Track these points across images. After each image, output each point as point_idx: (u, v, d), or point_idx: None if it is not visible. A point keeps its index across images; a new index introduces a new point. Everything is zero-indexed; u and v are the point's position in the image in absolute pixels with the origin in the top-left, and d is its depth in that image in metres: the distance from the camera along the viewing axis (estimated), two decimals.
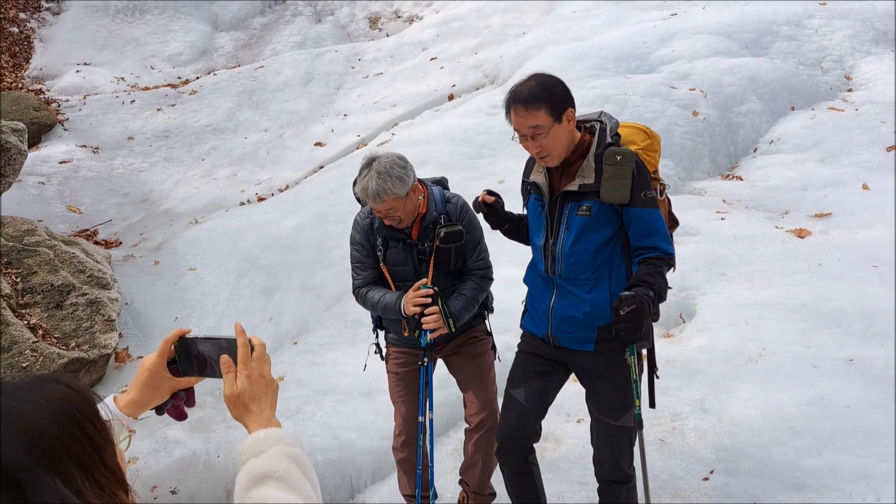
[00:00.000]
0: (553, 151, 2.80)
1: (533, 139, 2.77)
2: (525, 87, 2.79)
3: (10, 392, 1.07)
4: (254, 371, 1.43)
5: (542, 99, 2.74)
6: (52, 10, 13.25)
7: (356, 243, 3.41)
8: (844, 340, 4.54)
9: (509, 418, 3.16)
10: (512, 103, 2.79)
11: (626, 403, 3.00)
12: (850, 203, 6.20)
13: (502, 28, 11.14)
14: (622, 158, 2.76)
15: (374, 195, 3.06)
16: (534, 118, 2.73)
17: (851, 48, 8.61)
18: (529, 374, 3.15)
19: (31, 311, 5.20)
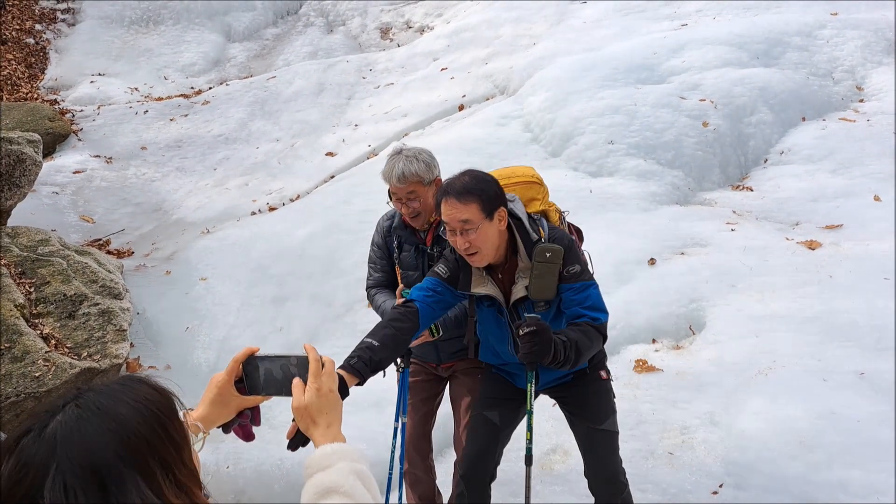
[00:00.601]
0: (482, 249, 2.73)
1: (462, 234, 2.69)
2: (459, 180, 2.74)
3: (101, 392, 1.10)
4: (323, 385, 1.45)
5: (474, 193, 2.67)
6: (67, 22, 13.39)
7: (374, 244, 3.50)
8: (855, 353, 4.52)
9: (481, 441, 3.14)
10: (444, 194, 2.73)
11: (608, 409, 3.10)
12: (861, 214, 6.17)
13: (513, 39, 11.17)
14: (551, 255, 2.78)
15: (399, 174, 3.14)
16: (465, 211, 2.66)
17: (863, 58, 8.59)
18: (503, 396, 3.18)
19: (43, 321, 5.25)
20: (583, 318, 2.79)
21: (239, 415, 1.56)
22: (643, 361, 4.90)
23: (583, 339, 2.71)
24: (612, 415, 3.10)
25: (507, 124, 8.47)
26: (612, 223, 6.48)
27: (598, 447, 3.10)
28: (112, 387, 1.12)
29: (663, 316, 5.30)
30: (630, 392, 4.63)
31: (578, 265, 2.84)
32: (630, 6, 10.98)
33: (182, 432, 1.14)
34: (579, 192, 7.04)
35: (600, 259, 5.98)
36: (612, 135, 7.56)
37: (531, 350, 2.56)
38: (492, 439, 3.15)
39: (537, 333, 2.55)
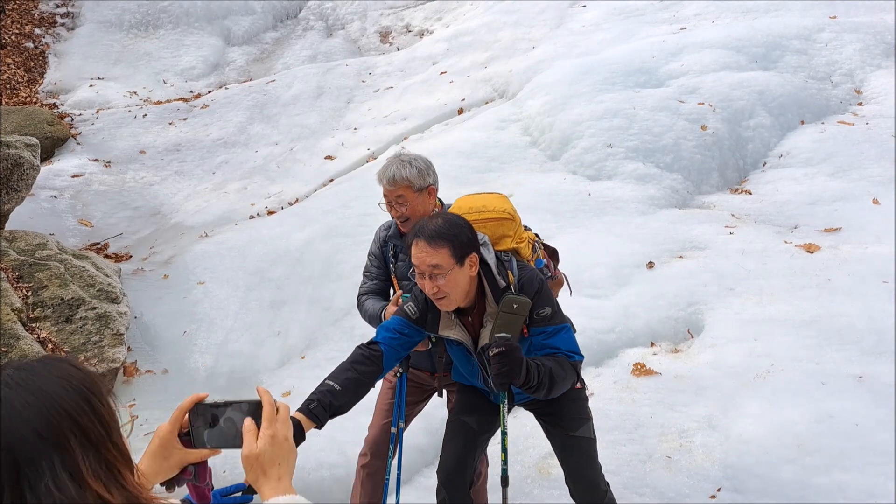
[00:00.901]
0: (451, 294, 2.67)
1: (430, 278, 2.63)
2: (431, 223, 2.67)
3: (22, 367, 1.06)
4: (278, 432, 1.32)
5: (446, 238, 2.61)
6: (66, 26, 13.41)
7: (371, 254, 3.50)
8: (854, 357, 4.51)
9: (459, 445, 3.13)
10: (415, 236, 2.66)
11: (582, 416, 3.09)
12: (860, 218, 6.16)
13: (512, 42, 11.17)
14: (518, 307, 2.72)
15: (390, 177, 3.15)
16: (435, 256, 2.59)
17: (862, 62, 8.59)
18: (480, 404, 3.17)
19: (41, 325, 5.24)
20: (558, 352, 2.79)
21: (182, 471, 1.40)
22: (641, 365, 4.90)
23: (556, 368, 2.68)
24: (586, 422, 3.08)
25: (507, 128, 8.47)
26: (610, 226, 6.48)
27: (575, 454, 3.09)
28: (33, 364, 1.07)
29: (661, 319, 5.29)
30: (628, 396, 4.63)
31: (549, 308, 2.79)
32: (629, 10, 10.99)
33: (110, 411, 1.09)
34: (578, 195, 7.04)
35: (599, 262, 6.00)
36: (610, 138, 7.56)
37: (500, 371, 2.53)
38: (469, 444, 3.13)
39: (507, 354, 2.52)
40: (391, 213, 3.28)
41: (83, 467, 1.00)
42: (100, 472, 1.02)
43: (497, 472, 3.13)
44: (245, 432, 1.32)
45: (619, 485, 3.92)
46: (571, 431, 3.06)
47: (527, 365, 2.58)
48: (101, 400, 1.08)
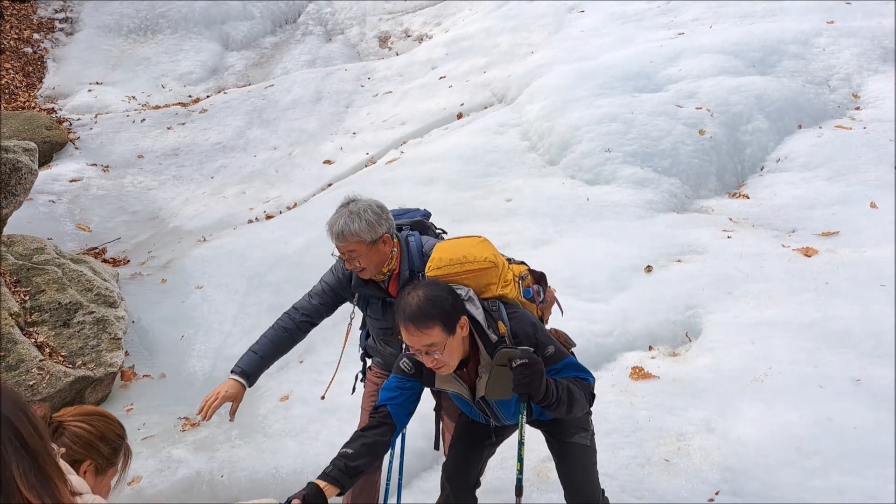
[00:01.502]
0: (449, 363, 2.67)
1: (428, 354, 2.62)
2: (412, 301, 2.59)
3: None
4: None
5: (433, 316, 2.56)
6: (65, 31, 13.43)
7: (326, 283, 3.38)
8: (852, 360, 4.51)
9: (466, 443, 3.17)
10: (402, 320, 2.60)
11: (579, 425, 3.06)
12: (857, 222, 6.17)
13: (511, 47, 11.20)
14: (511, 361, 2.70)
15: (338, 233, 3.00)
16: (427, 337, 2.57)
17: (859, 66, 8.60)
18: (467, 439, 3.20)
19: (38, 330, 5.24)
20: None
21: None
22: (639, 368, 4.89)
23: (574, 388, 2.70)
24: (584, 431, 3.08)
25: (505, 132, 8.48)
26: (609, 231, 6.48)
27: (570, 461, 3.09)
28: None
29: (660, 323, 5.29)
30: (626, 399, 4.62)
31: (551, 346, 2.76)
32: (627, 15, 11.01)
33: (43, 424, 1.09)
34: (576, 199, 7.04)
35: (597, 266, 6.00)
36: (609, 143, 7.56)
37: (523, 381, 2.53)
38: (476, 445, 3.16)
39: (529, 366, 2.53)
40: (346, 265, 3.14)
41: (17, 474, 0.98)
42: (34, 482, 1.00)
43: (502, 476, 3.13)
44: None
45: (617, 488, 3.92)
46: (567, 438, 3.06)
47: (546, 381, 2.58)
48: (35, 413, 1.08)
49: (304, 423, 4.72)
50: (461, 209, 7.16)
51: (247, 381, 3.21)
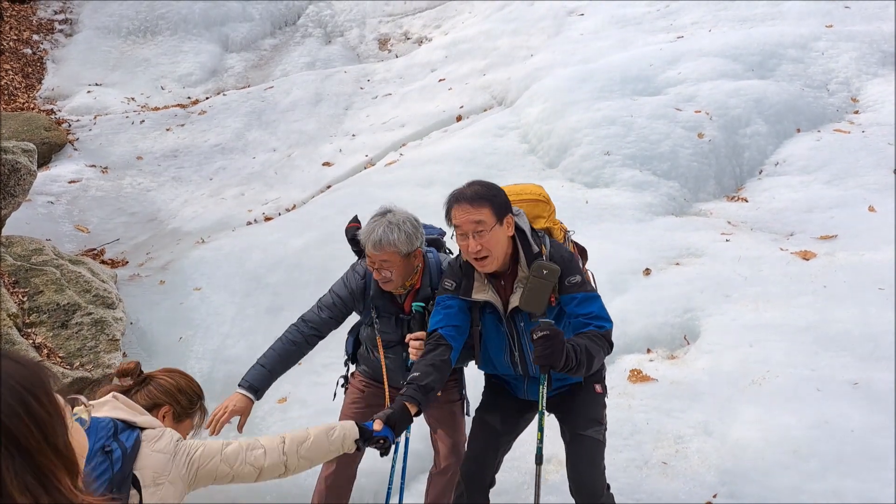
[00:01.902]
0: (493, 252, 2.83)
1: (474, 237, 2.79)
2: (469, 188, 2.88)
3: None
4: None
5: (486, 198, 2.82)
6: (64, 32, 13.43)
7: (337, 295, 3.35)
8: (849, 363, 4.51)
9: (480, 444, 3.20)
10: (456, 200, 2.86)
11: (595, 417, 3.12)
12: (855, 225, 6.18)
13: (510, 50, 11.21)
14: (548, 273, 2.84)
15: (376, 241, 3.02)
16: (478, 214, 2.79)
17: (858, 70, 8.62)
18: (505, 403, 3.25)
19: (36, 331, 5.23)
20: (588, 327, 2.87)
21: None
22: (638, 371, 4.89)
23: (592, 345, 2.79)
24: (598, 425, 3.12)
25: (505, 135, 8.49)
26: (607, 233, 6.48)
27: (579, 452, 3.12)
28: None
29: (658, 325, 5.29)
30: (624, 402, 4.62)
31: (579, 276, 2.91)
32: (627, 18, 11.03)
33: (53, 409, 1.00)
34: (575, 202, 7.04)
35: (596, 269, 5.98)
36: (608, 146, 7.57)
37: (544, 353, 2.63)
38: (491, 443, 3.19)
39: (550, 338, 2.63)
40: (374, 275, 3.15)
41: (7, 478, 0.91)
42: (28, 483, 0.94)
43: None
44: None
45: (615, 490, 3.90)
46: (581, 430, 3.10)
47: (566, 350, 2.67)
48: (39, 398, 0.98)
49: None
50: None
51: (254, 395, 3.21)
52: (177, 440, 2.22)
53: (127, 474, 2.08)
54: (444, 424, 3.52)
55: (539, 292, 2.82)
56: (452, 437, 3.51)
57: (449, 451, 3.50)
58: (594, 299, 2.94)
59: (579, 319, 2.89)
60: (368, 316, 3.37)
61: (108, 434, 2.12)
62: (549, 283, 2.83)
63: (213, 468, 2.25)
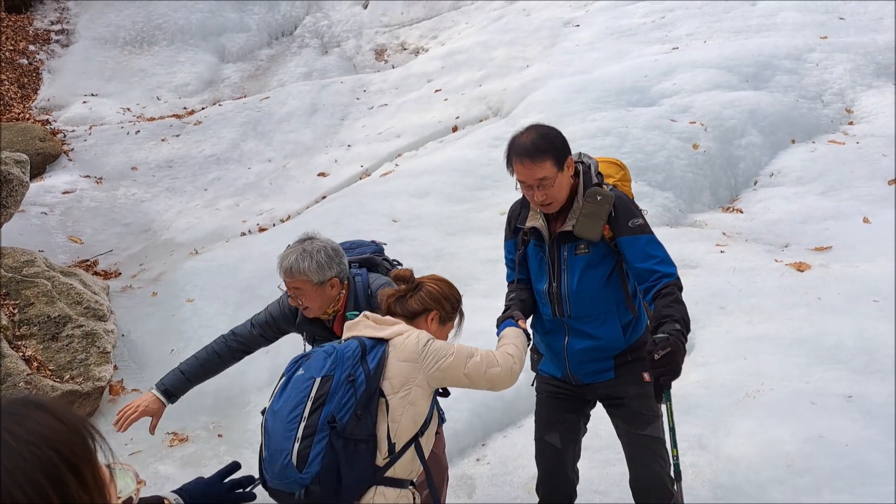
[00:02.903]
0: (557, 198, 2.84)
1: (539, 188, 2.80)
2: (527, 138, 2.81)
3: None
4: None
5: (546, 150, 2.77)
6: (61, 42, 13.44)
7: (271, 315, 3.29)
8: (844, 376, 4.48)
9: (550, 467, 3.18)
10: (516, 155, 2.81)
11: (651, 414, 3.04)
12: (850, 237, 6.17)
13: (506, 61, 11.23)
14: (602, 199, 2.83)
15: (287, 268, 2.97)
16: (541, 169, 2.76)
17: (852, 81, 8.64)
18: (560, 417, 3.16)
19: (26, 343, 5.19)
20: (655, 275, 2.76)
21: None
22: None
23: (684, 311, 2.69)
24: (655, 420, 3.05)
25: (501, 146, 8.38)
26: None
27: (640, 452, 3.07)
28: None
29: None
30: None
31: (641, 219, 2.85)
32: (622, 29, 11.06)
33: (97, 482, 0.79)
34: None
35: None
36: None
37: (671, 370, 2.56)
38: (557, 462, 3.17)
39: (672, 353, 2.54)
40: (290, 300, 3.10)
41: None
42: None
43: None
44: None
45: None
46: (639, 429, 3.04)
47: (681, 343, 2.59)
48: (78, 470, 0.76)
49: None
50: (455, 222, 7.15)
51: (168, 399, 3.17)
52: (425, 343, 2.49)
53: (372, 392, 2.37)
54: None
55: (593, 217, 2.80)
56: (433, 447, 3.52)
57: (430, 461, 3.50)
58: (658, 243, 2.85)
59: (647, 265, 2.78)
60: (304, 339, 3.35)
61: (353, 362, 2.40)
62: (602, 210, 2.80)
63: (454, 379, 2.54)
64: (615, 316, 2.95)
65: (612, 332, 2.95)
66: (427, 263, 6.44)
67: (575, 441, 3.20)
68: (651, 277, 2.76)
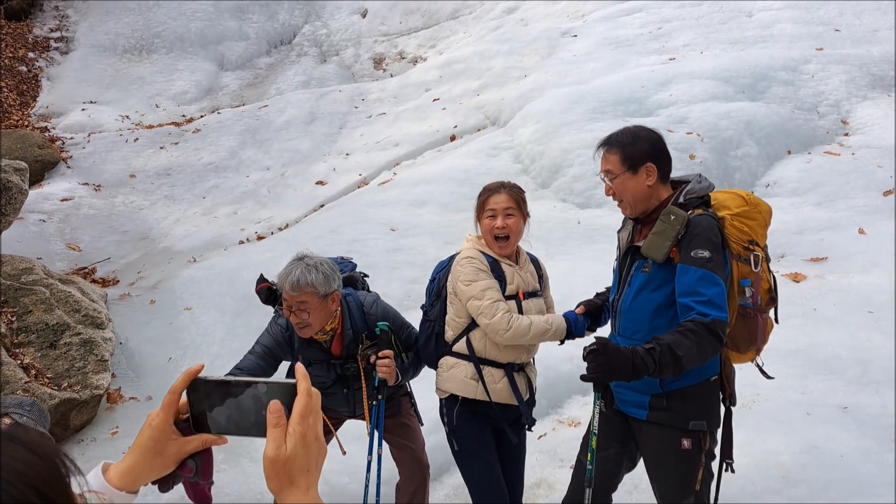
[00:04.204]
0: (623, 198, 2.81)
1: (605, 180, 2.85)
2: (617, 131, 2.87)
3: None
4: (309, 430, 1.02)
5: (620, 146, 2.78)
6: (60, 50, 13.47)
7: (265, 346, 3.27)
8: (839, 387, 4.51)
9: (575, 488, 3.06)
10: (600, 144, 2.89)
11: (682, 490, 2.75)
12: (846, 247, 6.20)
13: (504, 70, 11.28)
14: (674, 219, 2.64)
15: (294, 282, 2.98)
16: (606, 162, 2.82)
17: (848, 93, 8.69)
18: (602, 443, 2.88)
19: (24, 351, 5.20)
20: (692, 312, 2.53)
21: (181, 466, 1.09)
22: None
23: (680, 341, 2.45)
24: (685, 498, 2.75)
25: (498, 155, 8.52)
26: (600, 254, 6.49)
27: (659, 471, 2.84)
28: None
29: None
30: None
31: (708, 252, 2.57)
32: (619, 40, 11.11)
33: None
34: (567, 223, 7.06)
35: (587, 290, 5.98)
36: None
37: (596, 370, 2.45)
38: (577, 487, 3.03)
39: (597, 354, 2.45)
40: (290, 319, 3.10)
41: None
42: None
43: None
44: (271, 425, 1.00)
45: None
46: (666, 499, 2.82)
47: (633, 358, 2.43)
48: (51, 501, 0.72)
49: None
50: (453, 231, 7.17)
51: None
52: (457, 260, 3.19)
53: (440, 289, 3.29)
54: (404, 437, 3.58)
55: (661, 236, 2.64)
56: (413, 447, 3.58)
57: (410, 461, 3.57)
58: (715, 283, 2.54)
59: (686, 300, 2.56)
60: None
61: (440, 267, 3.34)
62: (671, 230, 2.61)
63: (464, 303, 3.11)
64: None
65: None
66: (424, 272, 6.46)
67: (612, 473, 3.01)
68: (687, 314, 2.55)
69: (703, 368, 2.70)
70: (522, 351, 3.16)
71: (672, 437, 2.72)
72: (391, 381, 3.14)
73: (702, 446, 2.76)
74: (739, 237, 2.72)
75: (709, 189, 2.80)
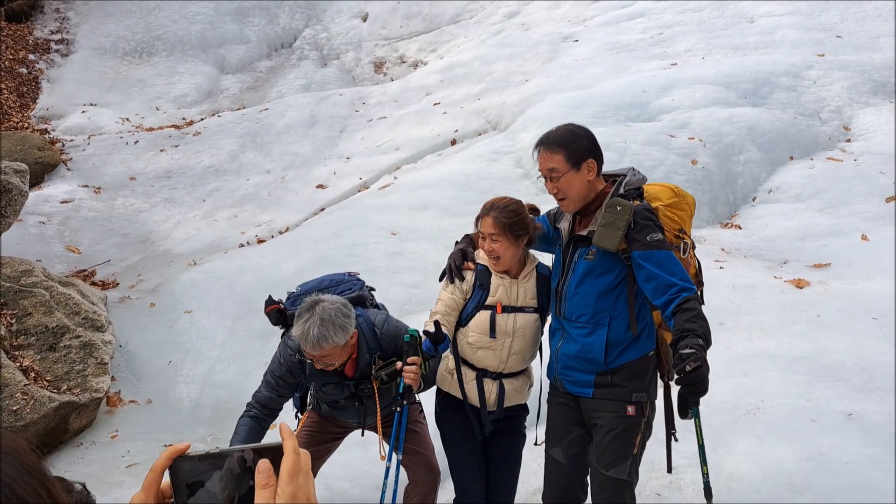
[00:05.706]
0: (568, 195, 2.91)
1: (550, 181, 2.91)
2: (554, 131, 2.95)
3: None
4: (300, 491, 0.96)
5: (562, 145, 2.87)
6: (60, 52, 13.45)
7: (277, 376, 3.27)
8: (844, 394, 4.48)
9: (554, 482, 3.16)
10: (539, 144, 2.96)
11: (620, 454, 2.93)
12: (849, 254, 6.18)
13: (505, 75, 11.26)
14: (621, 210, 2.81)
15: (314, 342, 2.95)
16: (550, 161, 2.88)
17: (850, 99, 8.69)
18: (563, 429, 3.12)
19: (24, 353, 5.17)
20: (674, 288, 2.71)
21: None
22: None
23: (706, 327, 2.67)
24: (622, 461, 2.92)
25: (499, 159, 8.50)
26: None
27: (601, 496, 2.98)
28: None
29: None
30: None
31: (660, 234, 2.81)
32: (621, 45, 11.11)
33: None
34: None
35: None
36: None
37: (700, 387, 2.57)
38: (561, 478, 3.14)
39: (703, 368, 2.55)
40: (316, 366, 3.13)
41: None
42: None
43: None
44: (260, 486, 0.95)
45: None
46: (604, 468, 2.95)
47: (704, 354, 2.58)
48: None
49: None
50: (454, 235, 7.09)
51: None
52: None
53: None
54: (414, 443, 3.55)
55: (611, 227, 2.79)
56: (424, 452, 3.57)
57: (422, 466, 3.55)
58: (677, 261, 2.80)
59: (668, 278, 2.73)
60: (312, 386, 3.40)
61: None
62: (620, 220, 2.77)
63: None
64: (604, 328, 2.91)
65: (595, 342, 2.91)
66: (425, 276, 6.44)
67: (580, 455, 3.11)
68: (670, 291, 2.72)
69: (641, 345, 2.95)
70: (495, 360, 3.18)
71: (618, 407, 2.94)
72: (416, 387, 3.13)
73: (644, 413, 2.99)
74: (671, 226, 2.99)
75: (643, 181, 3.03)
